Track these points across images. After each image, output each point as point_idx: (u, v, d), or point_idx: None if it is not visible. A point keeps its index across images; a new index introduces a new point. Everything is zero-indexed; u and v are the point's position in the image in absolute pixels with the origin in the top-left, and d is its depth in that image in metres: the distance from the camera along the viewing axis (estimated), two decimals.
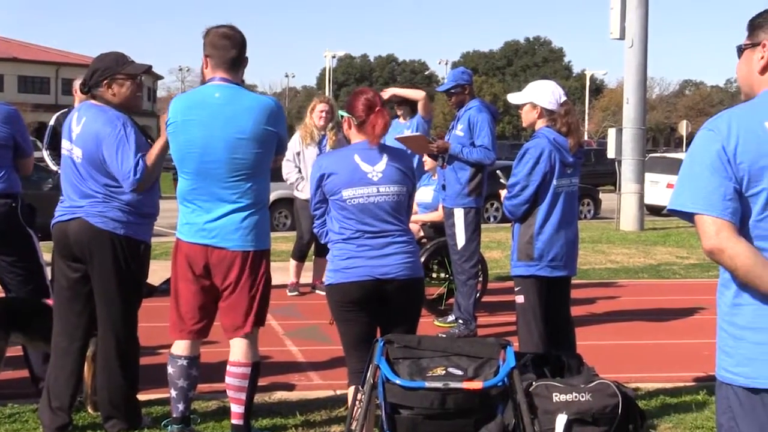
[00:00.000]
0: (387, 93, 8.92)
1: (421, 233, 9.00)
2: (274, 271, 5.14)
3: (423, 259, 8.04)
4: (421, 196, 9.02)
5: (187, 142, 4.82)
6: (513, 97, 5.95)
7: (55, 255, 5.30)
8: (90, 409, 5.61)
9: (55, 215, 5.22)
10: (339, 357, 5.65)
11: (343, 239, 4.72)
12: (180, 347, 5.05)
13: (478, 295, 8.52)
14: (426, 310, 7.52)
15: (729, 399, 2.88)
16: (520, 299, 5.77)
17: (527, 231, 5.72)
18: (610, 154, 19.21)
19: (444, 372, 3.88)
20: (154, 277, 5.49)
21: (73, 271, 5.18)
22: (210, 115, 4.79)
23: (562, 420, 4.81)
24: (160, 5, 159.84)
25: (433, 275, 8.76)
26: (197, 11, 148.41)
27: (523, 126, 6.11)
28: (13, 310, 5.66)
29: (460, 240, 8.03)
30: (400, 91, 9.21)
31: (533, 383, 4.97)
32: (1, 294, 6.35)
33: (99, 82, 5.17)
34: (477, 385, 3.81)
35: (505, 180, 5.89)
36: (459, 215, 8.04)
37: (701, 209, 2.79)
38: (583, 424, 4.88)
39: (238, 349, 4.97)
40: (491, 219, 20.49)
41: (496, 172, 6.78)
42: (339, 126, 9.40)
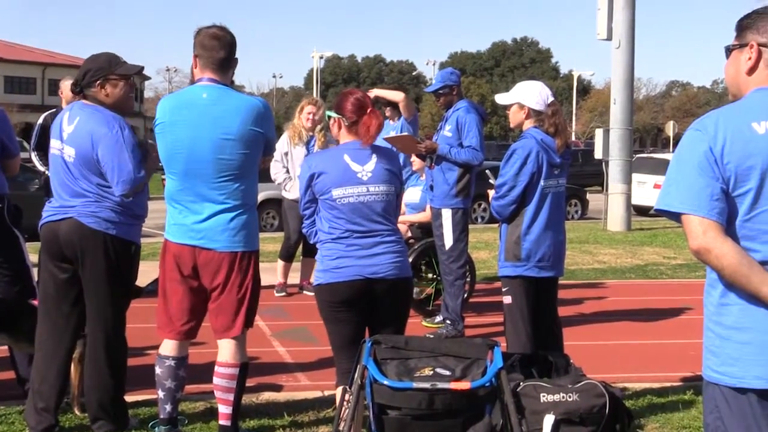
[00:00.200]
0: (371, 94, 8.93)
1: (408, 234, 9.00)
2: (261, 272, 5.13)
3: (411, 259, 8.03)
4: (408, 196, 9.02)
5: (174, 142, 4.81)
6: (500, 98, 5.96)
7: (44, 256, 5.25)
8: (77, 411, 5.59)
9: (44, 215, 5.18)
10: (327, 358, 5.65)
11: (333, 239, 4.73)
12: (168, 348, 5.04)
13: (466, 295, 8.52)
14: (414, 311, 7.52)
15: (716, 399, 2.89)
16: (507, 300, 5.77)
17: (515, 231, 5.72)
18: (598, 154, 19.24)
19: (432, 372, 3.88)
20: (143, 277, 5.46)
21: (62, 271, 5.15)
22: (197, 115, 4.78)
23: (549, 420, 4.82)
24: (148, 6, 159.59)
25: (421, 276, 8.76)
26: (185, 12, 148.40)
27: (510, 126, 6.11)
28: None
29: (448, 240, 8.03)
30: (381, 92, 9.22)
31: (521, 383, 4.98)
32: None
33: (92, 82, 5.13)
34: (465, 385, 3.81)
35: (493, 180, 5.89)
36: (447, 216, 8.05)
37: (688, 209, 2.80)
38: (571, 424, 4.89)
39: (225, 350, 4.96)
40: (479, 219, 20.52)
41: (485, 173, 6.77)
42: (328, 128, 9.40)
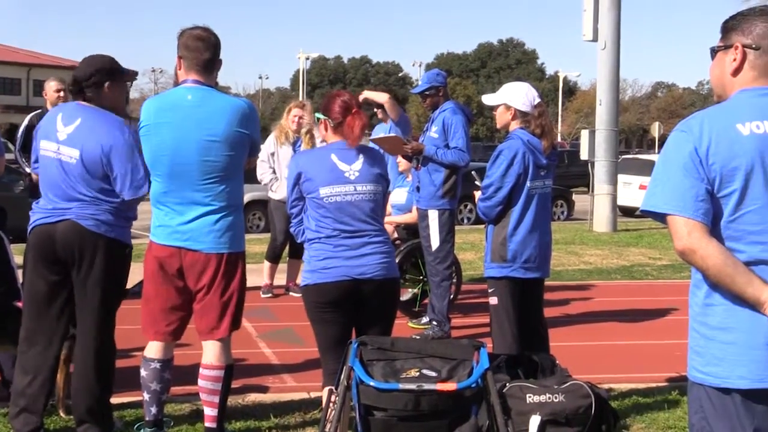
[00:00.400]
0: (361, 96, 8.94)
1: (395, 235, 9.00)
2: (248, 273, 5.13)
3: (397, 260, 8.03)
4: (395, 197, 9.02)
5: (159, 144, 4.80)
6: (487, 99, 5.97)
7: (33, 258, 5.13)
8: (62, 413, 5.56)
9: (36, 217, 5.09)
10: (313, 359, 5.64)
11: (320, 238, 4.74)
12: (153, 350, 5.02)
13: (452, 296, 8.53)
14: (400, 312, 7.51)
15: (701, 399, 2.90)
16: (493, 300, 5.78)
17: (501, 232, 5.73)
18: (583, 155, 19.28)
19: (418, 374, 3.88)
20: (129, 279, 5.43)
21: (53, 274, 5.08)
22: (182, 117, 4.77)
23: (535, 421, 4.83)
24: (133, 6, 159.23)
25: (407, 277, 8.76)
26: (171, 12, 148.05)
27: (497, 127, 6.13)
28: None
29: (435, 241, 8.04)
30: (369, 94, 9.21)
31: (507, 384, 4.99)
32: None
33: (101, 83, 5.08)
34: (451, 386, 3.81)
35: (479, 182, 5.90)
36: (433, 217, 8.05)
37: (673, 210, 2.81)
38: (557, 424, 4.90)
39: (210, 352, 4.95)
40: (465, 220, 20.53)
41: (471, 174, 6.79)
42: (310, 132, 9.40)
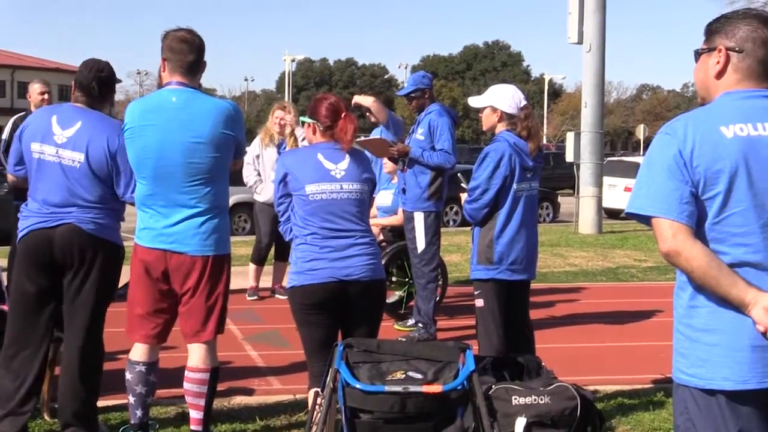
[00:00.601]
0: (353, 101, 8.99)
1: (380, 237, 9.00)
2: (233, 276, 5.12)
3: (383, 262, 8.04)
4: (380, 199, 9.03)
5: (144, 147, 4.78)
6: (474, 101, 5.97)
7: (26, 262, 5.08)
8: (46, 416, 5.54)
9: (31, 222, 5.02)
10: (299, 361, 5.64)
11: (306, 236, 4.74)
12: (138, 353, 5.00)
13: (438, 298, 8.54)
14: (386, 314, 7.51)
15: (686, 400, 2.91)
16: (479, 303, 5.78)
17: (487, 234, 5.73)
18: (569, 157, 19.34)
19: (404, 376, 3.88)
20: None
21: (45, 278, 5.04)
22: (167, 119, 4.76)
23: (521, 423, 4.83)
24: (118, 8, 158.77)
25: (393, 279, 8.76)
26: (155, 14, 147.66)
27: (482, 130, 6.13)
28: None
29: (420, 244, 8.04)
30: (357, 98, 9.20)
31: (493, 386, 4.99)
32: None
33: (113, 88, 5.23)
34: (437, 388, 3.81)
35: (465, 184, 5.91)
36: (419, 219, 8.05)
37: (658, 212, 2.82)
38: (543, 426, 4.90)
39: (196, 355, 4.93)
40: (451, 222, 20.55)
41: (457, 176, 6.80)
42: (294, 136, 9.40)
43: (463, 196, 5.89)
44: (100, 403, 5.42)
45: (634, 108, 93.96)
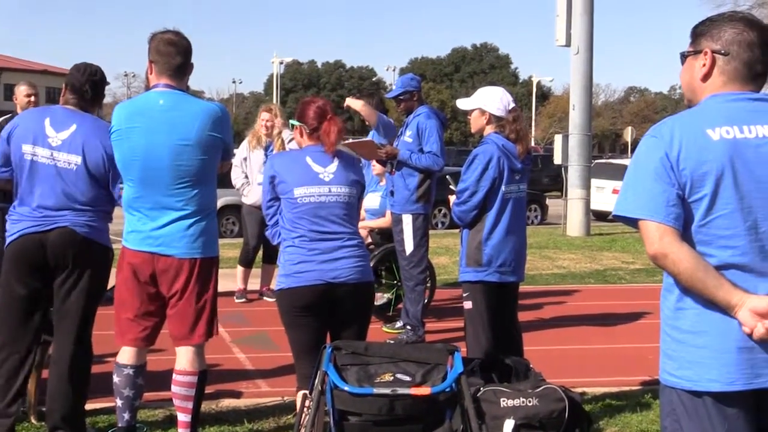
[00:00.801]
0: (346, 104, 9.02)
1: (368, 239, 8.99)
2: (221, 278, 5.11)
3: (371, 265, 8.04)
4: (368, 202, 9.02)
5: (131, 149, 4.77)
6: (462, 103, 5.98)
7: (17, 266, 5.04)
8: (33, 420, 5.52)
9: (22, 226, 4.99)
10: (287, 364, 5.62)
11: (294, 238, 4.75)
12: (126, 356, 4.99)
13: (426, 301, 8.54)
14: (374, 316, 7.51)
15: (672, 402, 2.92)
16: (468, 305, 5.79)
17: (476, 237, 5.74)
18: (557, 160, 19.38)
19: (392, 378, 3.89)
20: None
21: (36, 281, 5.02)
22: (154, 121, 4.75)
23: (509, 425, 4.83)
24: (106, 10, 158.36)
25: (382, 281, 8.75)
26: (143, 16, 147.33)
27: (471, 132, 6.15)
28: None
29: (409, 246, 8.04)
30: (348, 101, 9.19)
31: (481, 388, 4.99)
32: None
33: (103, 91, 5.27)
34: (425, 390, 3.82)
35: (454, 186, 5.91)
36: (407, 221, 8.06)
37: (645, 215, 2.83)
38: (531, 428, 4.91)
39: (184, 358, 4.92)
40: (439, 225, 20.57)
41: (446, 178, 6.81)
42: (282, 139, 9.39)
43: (452, 199, 5.90)
44: (88, 406, 5.40)
45: (621, 110, 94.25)
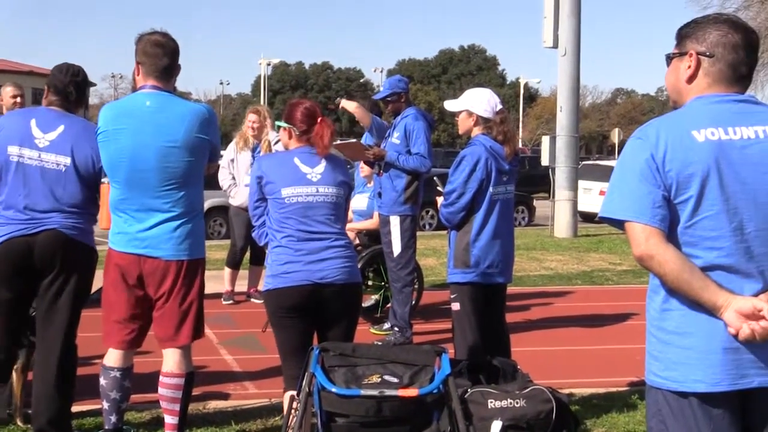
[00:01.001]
0: (339, 105, 9.02)
1: (356, 241, 9.00)
2: (208, 280, 5.11)
3: (359, 266, 8.04)
4: (356, 203, 9.02)
5: (118, 151, 4.75)
6: (450, 104, 5.99)
7: (2, 269, 5.00)
8: (19, 422, 5.49)
9: (10, 230, 4.95)
10: (274, 366, 5.62)
11: (281, 239, 4.75)
12: (112, 358, 4.97)
13: (414, 302, 8.54)
14: (362, 318, 7.51)
15: (658, 403, 2.93)
16: (455, 306, 5.79)
17: (464, 238, 5.75)
18: (544, 161, 19.41)
19: (379, 380, 3.89)
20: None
21: (22, 284, 5.00)
22: (141, 123, 4.74)
23: (497, 426, 4.85)
24: (92, 11, 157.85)
25: (369, 283, 8.76)
26: (130, 17, 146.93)
27: (458, 134, 6.16)
28: None
29: (396, 247, 8.04)
30: (343, 102, 9.18)
31: (468, 390, 5.00)
32: None
33: (87, 91, 5.28)
34: (412, 392, 3.82)
35: (442, 187, 5.92)
36: (395, 223, 8.06)
37: (631, 216, 2.84)
38: (518, 429, 4.93)
39: (171, 360, 4.91)
40: (427, 226, 20.58)
41: (433, 179, 6.81)
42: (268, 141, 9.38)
43: (439, 200, 5.91)
44: (74, 408, 5.39)
45: (609, 112, 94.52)
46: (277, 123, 5.11)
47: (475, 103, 5.81)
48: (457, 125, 6.03)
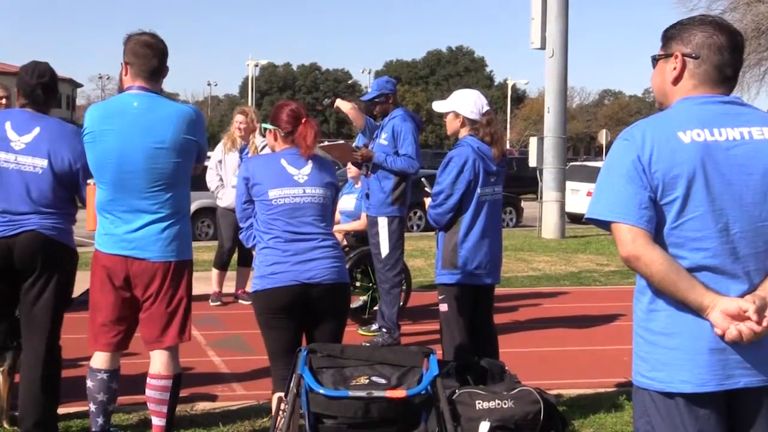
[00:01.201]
0: (335, 105, 8.99)
1: (344, 242, 8.99)
2: (196, 281, 5.10)
3: (346, 267, 8.04)
4: (343, 204, 9.02)
5: (105, 152, 4.74)
6: (437, 106, 6.00)
7: None
8: (5, 425, 5.48)
9: None
10: (262, 367, 5.62)
11: (269, 240, 4.75)
12: (99, 360, 4.96)
13: (402, 303, 8.54)
14: (350, 319, 7.51)
15: (645, 403, 2.94)
16: (443, 307, 5.80)
17: (452, 239, 5.75)
18: (532, 162, 19.44)
19: (367, 381, 3.89)
20: (75, 287, 5.38)
21: (5, 286, 5.00)
22: (128, 124, 4.72)
23: (485, 427, 4.85)
24: (79, 12, 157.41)
25: (357, 284, 8.75)
26: (117, 18, 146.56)
27: (446, 135, 6.17)
28: None
29: (384, 249, 8.04)
30: (338, 102, 9.16)
31: (456, 391, 5.01)
32: None
33: (56, 90, 5.21)
34: (400, 393, 3.82)
35: (430, 189, 5.92)
36: (383, 224, 8.06)
37: (618, 218, 2.84)
38: (506, 430, 4.93)
39: (158, 361, 4.90)
40: (415, 227, 20.59)
41: (421, 181, 6.81)
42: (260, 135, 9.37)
43: (427, 201, 5.91)
44: (61, 410, 5.37)
45: (596, 113, 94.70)
46: (263, 125, 5.11)
47: (462, 104, 5.82)
48: (445, 126, 6.04)
